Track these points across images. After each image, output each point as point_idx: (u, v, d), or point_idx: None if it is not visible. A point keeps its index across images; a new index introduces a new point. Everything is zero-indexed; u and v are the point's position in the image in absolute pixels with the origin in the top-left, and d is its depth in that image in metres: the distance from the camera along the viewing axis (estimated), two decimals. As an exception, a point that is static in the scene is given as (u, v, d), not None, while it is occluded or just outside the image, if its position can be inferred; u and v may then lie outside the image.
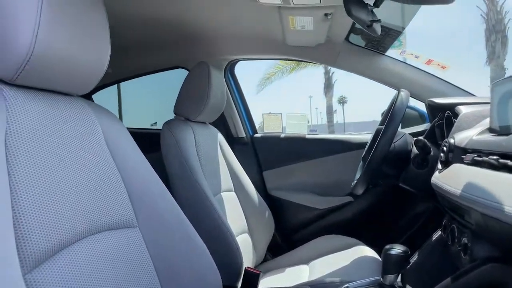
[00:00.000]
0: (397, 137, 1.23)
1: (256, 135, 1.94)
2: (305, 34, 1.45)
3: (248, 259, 1.40)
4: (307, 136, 1.87)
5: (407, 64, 1.56)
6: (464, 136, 0.92)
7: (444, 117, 1.20)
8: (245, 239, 1.44)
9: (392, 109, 1.15)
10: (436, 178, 0.97)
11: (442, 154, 0.98)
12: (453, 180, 0.84)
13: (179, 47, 1.75)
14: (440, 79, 1.52)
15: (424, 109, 1.60)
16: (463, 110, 1.11)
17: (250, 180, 1.60)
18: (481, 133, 0.87)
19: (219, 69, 1.79)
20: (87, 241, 0.66)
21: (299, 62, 7.05)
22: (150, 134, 1.54)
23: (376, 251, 1.34)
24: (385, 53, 1.56)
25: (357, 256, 1.33)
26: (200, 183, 1.19)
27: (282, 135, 1.91)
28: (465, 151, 0.87)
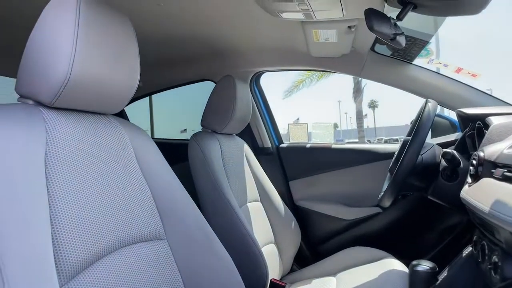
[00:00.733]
0: (425, 149, 1.20)
1: (281, 145, 1.95)
2: (329, 45, 1.45)
3: (274, 270, 1.41)
4: (333, 145, 1.86)
5: (435, 72, 1.52)
6: (494, 149, 0.89)
7: (475, 127, 1.17)
8: (271, 249, 1.45)
9: (418, 120, 1.13)
10: (465, 192, 0.94)
11: (471, 167, 0.96)
12: (482, 195, 0.81)
13: (206, 61, 1.81)
14: (471, 87, 1.48)
15: (455, 118, 1.56)
16: (494, 121, 1.07)
17: (276, 190, 1.62)
18: (512, 147, 0.84)
19: (245, 80, 1.82)
20: (120, 252, 0.69)
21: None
22: (178, 144, 1.59)
23: (405, 263, 1.31)
24: (412, 62, 1.53)
25: (386, 269, 1.30)
26: (225, 194, 1.22)
27: (307, 145, 1.91)
28: (495, 165, 0.84)
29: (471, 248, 1.04)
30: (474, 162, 0.95)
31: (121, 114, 2.02)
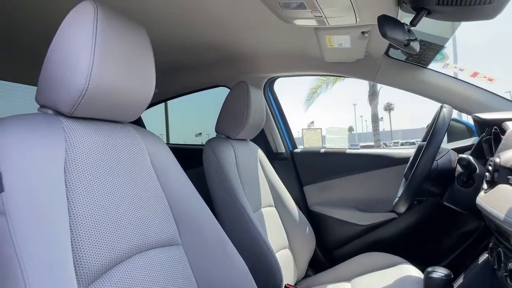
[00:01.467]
0: (440, 154, 1.19)
1: (295, 150, 1.96)
2: (343, 51, 1.46)
3: (289, 275, 1.41)
4: (348, 150, 1.86)
5: (450, 76, 1.51)
6: (510, 155, 0.88)
7: (491, 132, 1.15)
8: (285, 255, 1.46)
9: (433, 126, 1.12)
10: (481, 198, 0.93)
11: (487, 173, 0.95)
12: (498, 202, 0.80)
13: (220, 67, 1.83)
14: (487, 91, 1.46)
15: (472, 122, 1.53)
16: (510, 126, 1.05)
17: (290, 195, 1.62)
18: (529, 153, 0.83)
19: (259, 86, 1.83)
20: (137, 258, 0.71)
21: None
22: (193, 150, 1.62)
23: (420, 269, 1.30)
24: (427, 67, 1.52)
25: (401, 275, 1.29)
26: (240, 199, 1.23)
27: (322, 150, 1.91)
28: (511, 172, 0.83)
29: (487, 255, 1.03)
30: (490, 168, 0.94)
31: (137, 120, 2.06)
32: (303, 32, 1.36)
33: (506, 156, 0.90)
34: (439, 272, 0.82)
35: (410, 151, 1.65)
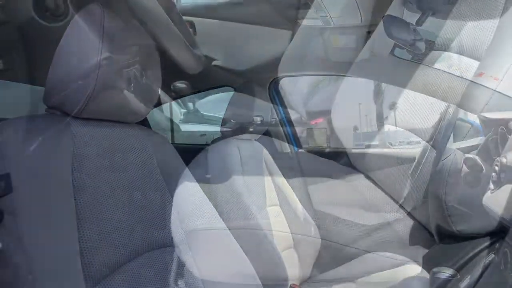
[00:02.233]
0: (446, 155, 1.19)
1: (301, 150, 1.95)
2: (348, 51, 1.45)
3: (293, 275, 1.41)
4: (353, 150, 1.85)
5: (456, 76, 1.49)
6: (517, 155, 0.88)
7: (498, 132, 1.14)
8: (290, 254, 1.46)
9: (439, 126, 1.12)
10: (487, 198, 0.92)
11: (493, 173, 0.94)
12: (504, 202, 0.80)
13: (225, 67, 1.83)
14: (494, 90, 1.44)
15: (478, 122, 1.52)
16: None
17: (295, 195, 1.62)
18: (536, 153, 0.82)
19: (263, 86, 1.83)
20: (142, 259, 0.72)
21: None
22: (198, 149, 1.62)
23: (426, 269, 1.29)
24: (433, 66, 1.51)
25: (407, 275, 1.29)
26: (244, 199, 1.24)
27: (327, 149, 1.91)
28: (518, 172, 0.83)
29: (493, 255, 1.02)
30: (496, 168, 0.93)
31: (143, 120, 2.07)
32: (308, 31, 1.36)
33: (512, 156, 0.89)
34: (445, 272, 0.82)
35: (415, 151, 1.64)
